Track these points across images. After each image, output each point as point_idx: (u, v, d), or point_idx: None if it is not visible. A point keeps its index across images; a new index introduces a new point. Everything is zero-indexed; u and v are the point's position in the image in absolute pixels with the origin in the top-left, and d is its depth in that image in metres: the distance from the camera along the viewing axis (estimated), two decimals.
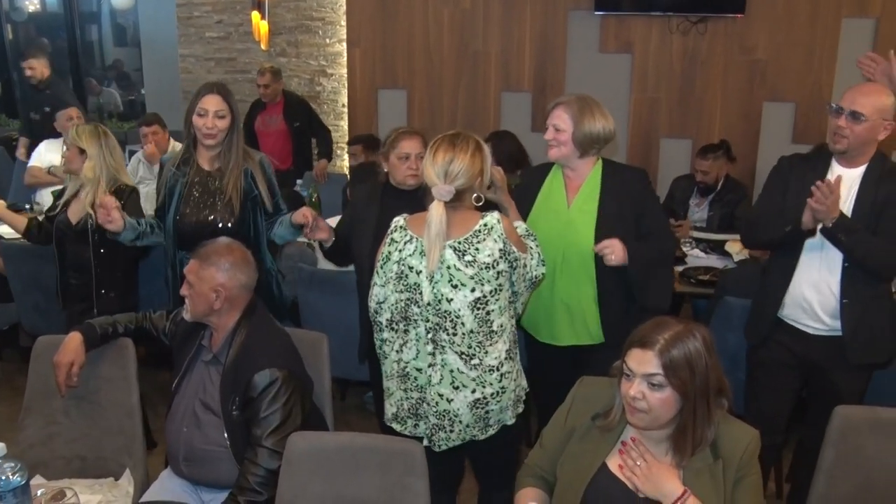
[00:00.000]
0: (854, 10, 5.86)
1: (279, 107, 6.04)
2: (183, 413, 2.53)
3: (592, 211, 2.91)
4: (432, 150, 2.47)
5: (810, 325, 2.89)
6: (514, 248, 2.45)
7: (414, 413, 2.55)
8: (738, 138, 5.86)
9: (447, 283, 2.40)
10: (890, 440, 2.31)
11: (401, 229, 2.51)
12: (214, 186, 3.17)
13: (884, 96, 2.76)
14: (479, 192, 2.48)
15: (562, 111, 2.91)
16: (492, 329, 2.45)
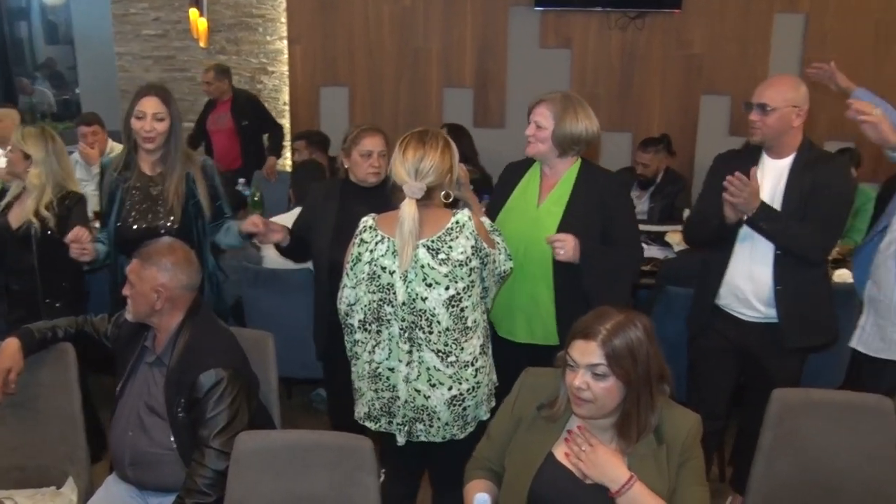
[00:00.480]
0: (785, 5, 6.03)
1: (227, 105, 5.96)
2: (127, 417, 2.49)
3: (559, 212, 2.88)
4: (401, 147, 2.44)
5: (745, 312, 2.98)
6: (484, 245, 2.47)
7: (387, 411, 2.54)
8: (676, 131, 5.98)
9: (421, 282, 2.40)
10: (823, 420, 2.40)
11: (370, 229, 2.48)
12: (156, 192, 3.11)
13: (789, 87, 2.84)
14: (448, 188, 2.47)
15: (545, 108, 2.87)
16: (466, 325, 2.46)
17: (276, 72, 6.51)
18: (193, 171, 3.15)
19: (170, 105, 3.08)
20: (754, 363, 3.04)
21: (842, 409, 2.42)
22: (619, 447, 2.01)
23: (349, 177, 3.22)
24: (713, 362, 3.09)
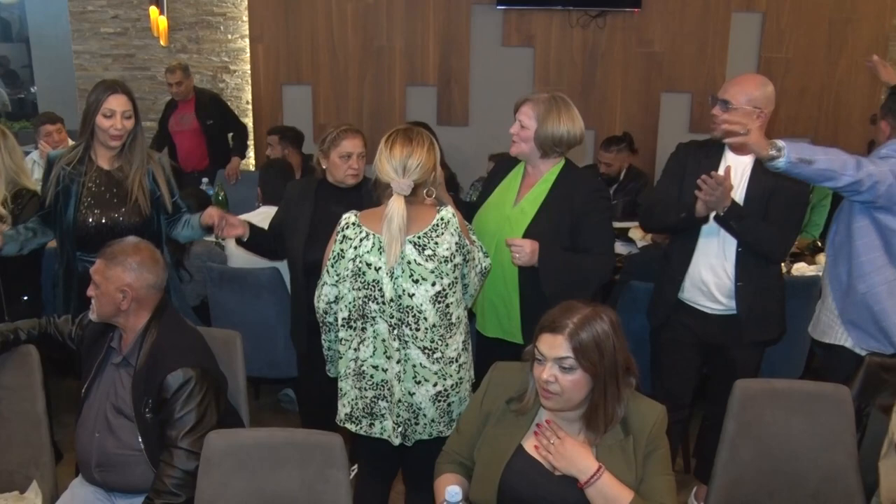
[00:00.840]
0: (742, 4, 6.14)
1: (191, 104, 5.89)
2: (94, 418, 2.47)
3: (532, 212, 2.88)
4: (388, 144, 2.45)
5: (708, 305, 3.04)
6: (467, 242, 2.49)
7: (369, 412, 2.54)
8: (637, 128, 6.06)
9: (408, 279, 2.41)
10: (784, 408, 2.46)
11: (354, 226, 2.48)
12: (116, 185, 3.10)
13: (754, 87, 2.89)
14: (432, 186, 2.48)
15: (529, 108, 2.87)
16: (451, 322, 2.48)
17: (238, 70, 6.47)
18: (153, 167, 3.15)
19: (135, 102, 3.10)
20: (717, 354, 3.10)
21: (802, 397, 2.48)
22: (586, 439, 2.05)
23: (326, 177, 3.21)
24: (677, 354, 3.15)
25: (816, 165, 2.58)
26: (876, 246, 2.85)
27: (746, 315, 2.98)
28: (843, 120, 6.35)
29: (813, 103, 6.32)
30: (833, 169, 2.60)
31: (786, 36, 6.20)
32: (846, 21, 6.15)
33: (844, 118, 6.35)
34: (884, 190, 2.68)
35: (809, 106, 6.32)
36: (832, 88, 6.31)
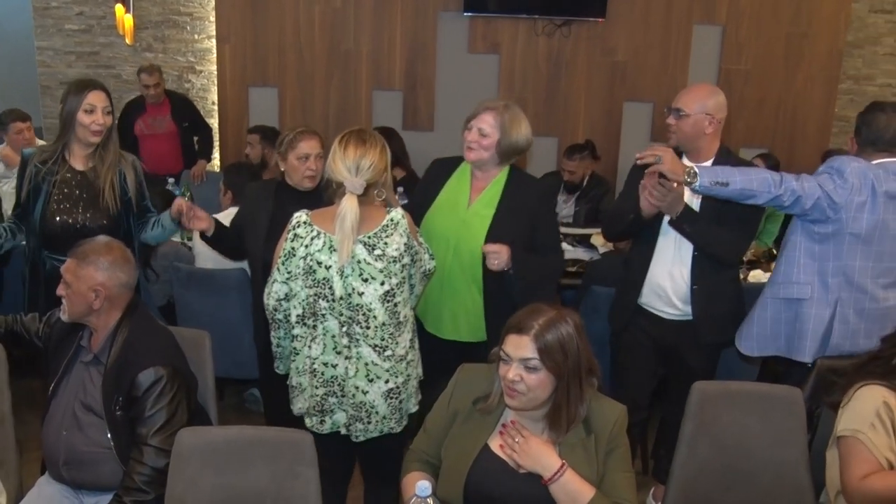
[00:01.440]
0: (703, 17, 6.28)
1: (165, 107, 5.83)
2: (62, 416, 2.47)
3: (489, 215, 2.95)
4: (342, 145, 2.49)
5: (665, 310, 3.13)
6: (415, 243, 2.55)
7: (319, 409, 2.58)
8: (600, 136, 6.17)
9: (358, 277, 2.46)
10: (739, 410, 2.55)
11: (305, 224, 2.51)
12: (88, 186, 3.10)
13: (706, 95, 3.01)
14: (382, 187, 2.53)
15: (491, 117, 2.91)
16: (399, 320, 2.53)
17: (205, 71, 6.45)
18: (125, 168, 3.16)
19: (108, 96, 3.13)
20: (674, 357, 3.19)
21: (756, 399, 2.57)
22: (550, 438, 2.11)
23: (285, 179, 3.25)
24: (635, 357, 3.23)
25: (733, 186, 2.74)
26: (792, 260, 2.96)
27: (701, 318, 3.08)
28: (798, 130, 6.52)
29: (770, 114, 6.49)
30: (750, 188, 2.76)
31: (745, 49, 6.36)
32: (802, 36, 6.32)
33: (800, 129, 6.52)
34: (810, 205, 2.79)
35: (767, 117, 6.49)
36: (789, 100, 6.49)
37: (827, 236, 2.86)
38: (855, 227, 2.81)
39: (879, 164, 2.86)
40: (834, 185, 2.80)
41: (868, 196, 2.80)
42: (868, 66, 6.56)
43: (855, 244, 2.84)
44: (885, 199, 2.81)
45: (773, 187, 2.76)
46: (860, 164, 2.83)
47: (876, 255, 2.85)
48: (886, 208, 2.82)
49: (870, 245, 2.84)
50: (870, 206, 2.80)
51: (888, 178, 2.82)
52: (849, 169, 2.81)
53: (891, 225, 2.83)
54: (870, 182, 2.80)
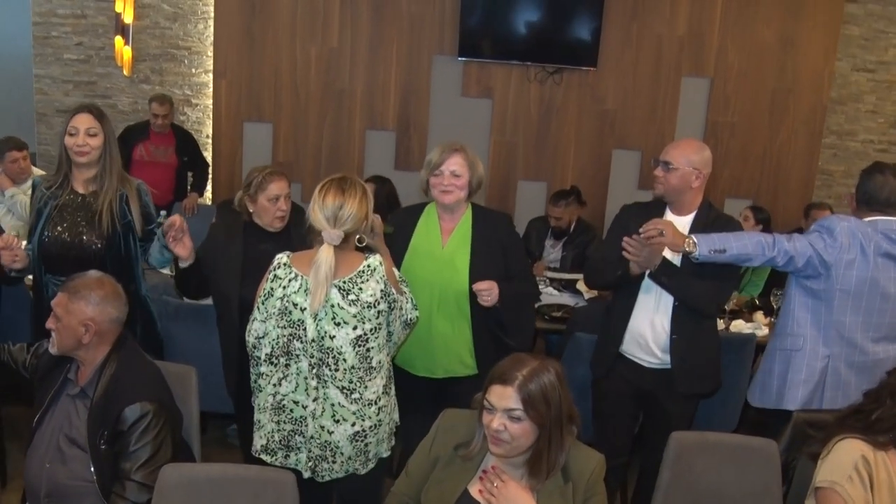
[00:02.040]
0: (692, 70, 6.43)
1: (170, 138, 5.87)
2: (46, 448, 2.48)
3: (465, 254, 3.07)
4: (321, 193, 2.51)
5: (645, 358, 3.17)
6: (393, 290, 2.58)
7: (286, 445, 2.60)
8: (588, 182, 6.27)
9: (330, 321, 2.49)
10: (715, 460, 2.60)
11: (285, 266, 2.56)
12: (88, 209, 3.12)
13: (693, 150, 3.09)
14: (363, 234, 2.57)
15: (460, 158, 3.04)
16: (371, 365, 2.56)
17: (200, 104, 6.53)
18: (128, 191, 3.17)
19: (102, 121, 3.12)
20: (655, 405, 3.23)
21: (733, 450, 2.62)
22: (529, 484, 2.14)
23: (252, 219, 3.27)
24: (615, 403, 3.27)
25: (730, 252, 2.89)
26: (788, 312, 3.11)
27: (680, 368, 3.12)
28: (782, 183, 6.65)
29: (755, 166, 6.61)
30: (746, 253, 2.91)
31: (731, 101, 6.50)
32: (787, 91, 6.47)
33: (784, 181, 6.65)
34: (802, 263, 2.95)
35: (752, 168, 6.61)
36: (773, 153, 6.62)
37: (819, 292, 3.00)
38: (844, 283, 2.95)
39: (870, 221, 3.00)
40: (824, 243, 2.94)
41: (857, 254, 2.94)
42: (850, 123, 6.72)
43: (845, 300, 2.97)
44: (874, 257, 2.95)
45: (768, 250, 2.92)
46: (849, 224, 2.97)
47: (866, 311, 2.98)
48: (876, 266, 2.95)
49: (860, 301, 2.97)
50: (859, 263, 2.94)
51: (876, 237, 2.95)
52: (838, 228, 2.95)
53: (881, 282, 2.96)
54: (858, 241, 2.94)
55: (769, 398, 3.14)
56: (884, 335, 3.02)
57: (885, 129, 6.77)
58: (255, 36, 6.31)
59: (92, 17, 6.38)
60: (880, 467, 2.33)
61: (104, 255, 3.08)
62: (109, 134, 3.15)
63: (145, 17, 6.37)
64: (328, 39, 6.33)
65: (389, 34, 6.31)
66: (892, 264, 2.96)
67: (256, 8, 6.27)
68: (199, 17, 6.42)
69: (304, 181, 6.31)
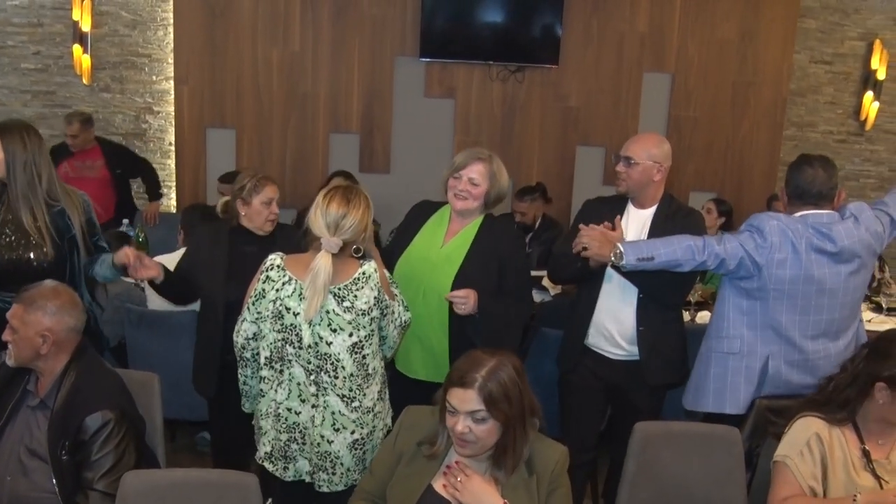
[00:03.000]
0: (653, 65, 6.48)
1: (96, 153, 5.76)
2: (6, 461, 2.45)
3: (459, 259, 3.01)
4: (325, 200, 2.50)
5: (612, 351, 3.19)
6: (385, 297, 2.57)
7: (283, 455, 2.59)
8: (553, 179, 6.30)
9: (326, 327, 2.48)
10: (680, 450, 2.63)
11: (278, 268, 2.54)
12: (25, 224, 3.07)
13: (653, 144, 3.12)
14: (360, 244, 2.55)
15: (482, 167, 3.01)
16: (368, 372, 2.56)
17: (162, 112, 6.47)
18: (68, 205, 3.13)
19: (4, 138, 3.05)
20: (622, 397, 3.25)
21: (696, 439, 2.65)
22: (493, 477, 2.16)
23: (240, 223, 3.27)
24: (583, 398, 3.29)
25: (658, 259, 2.87)
26: (722, 314, 3.05)
27: (648, 359, 3.14)
28: (746, 175, 6.72)
29: (718, 159, 6.68)
30: (675, 259, 2.88)
31: (693, 96, 6.56)
32: (748, 84, 6.55)
33: (747, 173, 6.72)
34: (734, 265, 2.89)
35: (715, 161, 6.68)
36: (736, 146, 6.69)
37: (753, 291, 2.94)
38: (777, 283, 2.88)
39: (802, 216, 2.93)
40: (755, 243, 2.88)
41: (788, 252, 2.86)
42: (810, 114, 6.82)
43: (780, 299, 2.91)
44: (806, 254, 2.87)
45: (697, 254, 2.87)
46: (779, 222, 2.90)
47: (802, 309, 2.91)
48: (809, 262, 2.87)
49: (795, 299, 2.90)
50: (791, 262, 2.86)
51: (807, 232, 2.88)
52: (768, 227, 2.89)
53: (815, 278, 2.88)
54: (789, 239, 2.87)
55: (705, 401, 3.05)
56: (822, 332, 2.94)
57: (844, 119, 6.88)
58: (215, 42, 6.27)
59: (49, 25, 6.29)
60: (835, 446, 2.38)
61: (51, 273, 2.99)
62: (13, 149, 3.06)
63: (104, 25, 6.30)
64: (290, 43, 6.30)
65: (351, 36, 6.30)
66: (824, 259, 2.87)
67: (216, 13, 6.22)
68: (158, 23, 6.35)
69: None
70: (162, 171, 6.46)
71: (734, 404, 2.99)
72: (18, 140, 3.06)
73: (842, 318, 2.97)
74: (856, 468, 2.37)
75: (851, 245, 2.89)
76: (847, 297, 2.95)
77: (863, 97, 6.77)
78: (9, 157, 3.05)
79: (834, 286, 2.91)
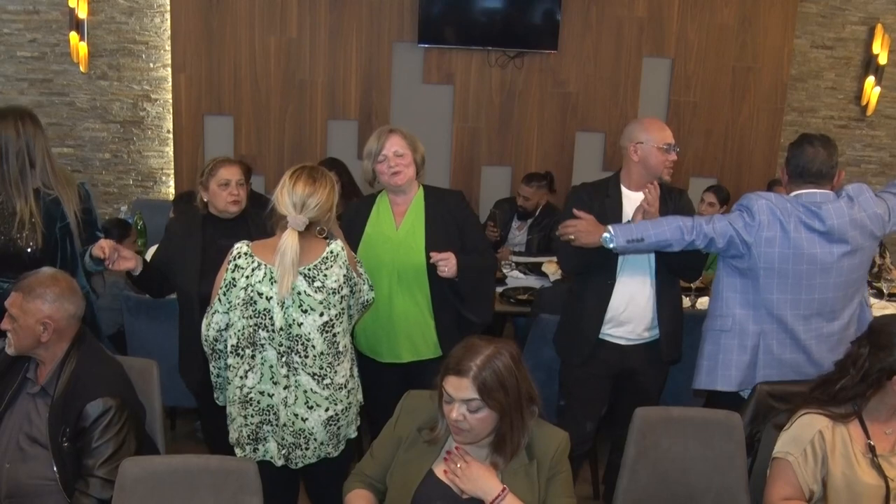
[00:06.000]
0: (652, 50, 6.44)
1: None
2: (6, 448, 2.45)
3: (420, 232, 3.07)
4: (292, 179, 2.51)
5: (627, 337, 3.19)
6: (354, 274, 2.58)
7: (254, 438, 2.60)
8: (553, 166, 6.27)
9: (298, 308, 2.48)
10: (680, 435, 2.62)
11: (246, 255, 2.54)
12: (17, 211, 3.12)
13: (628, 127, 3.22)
14: (324, 225, 2.56)
15: (398, 138, 3.06)
16: (338, 350, 2.56)
17: (160, 99, 6.44)
18: (62, 193, 3.16)
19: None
20: (631, 380, 3.25)
21: (697, 424, 2.65)
22: (493, 463, 2.16)
23: (209, 210, 3.27)
24: (593, 389, 3.28)
25: (648, 241, 2.93)
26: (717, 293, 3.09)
27: (666, 336, 3.20)
28: (745, 160, 6.70)
29: (718, 145, 6.66)
30: (665, 239, 2.93)
31: (693, 81, 6.53)
32: (748, 69, 6.52)
33: (747, 159, 6.70)
34: (723, 244, 2.93)
35: (715, 147, 6.65)
36: (736, 131, 6.67)
37: (745, 270, 2.97)
38: (766, 261, 2.91)
39: (797, 195, 2.96)
40: (743, 222, 2.92)
41: (777, 231, 2.89)
42: (811, 99, 6.79)
43: (770, 277, 2.92)
44: (796, 233, 2.88)
45: (686, 234, 2.91)
46: (767, 201, 2.93)
47: (793, 288, 2.92)
48: (800, 241, 2.88)
49: (785, 278, 2.92)
50: (780, 240, 2.88)
51: (797, 210, 2.90)
52: (756, 206, 2.92)
53: (805, 256, 2.89)
54: (777, 217, 2.89)
55: (699, 379, 3.09)
56: (815, 311, 2.95)
57: (845, 104, 6.85)
58: (213, 29, 6.23)
59: (45, 12, 6.25)
60: (837, 443, 2.35)
61: (41, 260, 3.06)
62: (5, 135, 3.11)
63: (100, 12, 6.26)
64: (287, 30, 6.26)
65: (349, 22, 6.26)
66: (815, 237, 2.88)
67: (213, 0, 6.19)
68: (155, 10, 6.31)
69: (267, 173, 6.26)
70: (160, 159, 6.46)
71: (725, 381, 3.01)
72: (12, 127, 3.11)
73: (835, 298, 2.97)
74: (859, 463, 2.35)
75: (841, 225, 2.89)
76: (841, 278, 2.95)
77: (864, 82, 6.73)
78: (1, 143, 3.09)
79: (826, 266, 2.91)
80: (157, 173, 6.51)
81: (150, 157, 6.49)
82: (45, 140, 3.19)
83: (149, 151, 6.47)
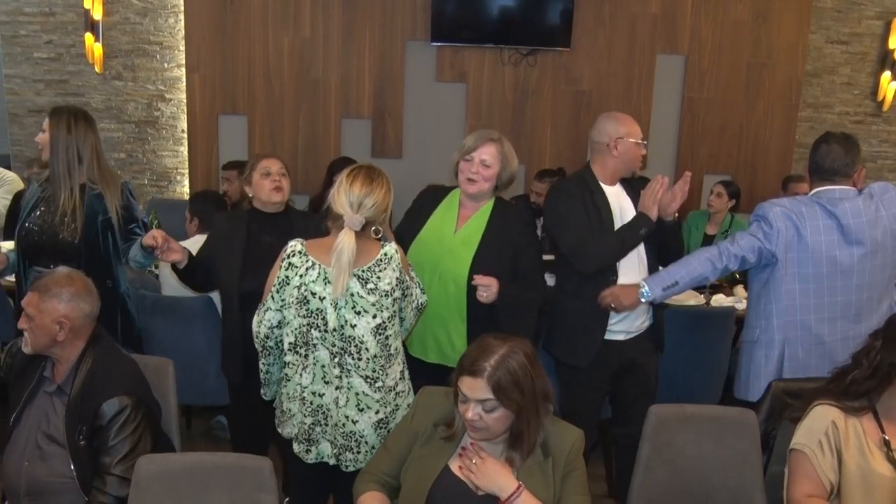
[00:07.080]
0: (666, 47, 6.42)
1: None
2: (24, 446, 2.47)
3: (474, 244, 2.99)
4: (349, 178, 2.51)
5: (627, 331, 3.20)
6: (407, 278, 2.58)
7: (307, 438, 2.60)
8: (566, 163, 6.25)
9: (351, 310, 2.48)
10: (695, 432, 2.61)
11: (300, 254, 2.53)
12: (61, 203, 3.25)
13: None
14: (380, 226, 2.55)
15: (493, 148, 2.99)
16: (390, 352, 2.56)
17: (174, 99, 6.47)
18: (106, 189, 3.28)
19: (52, 119, 3.29)
20: (633, 370, 3.24)
21: (711, 421, 2.63)
22: (509, 459, 2.16)
23: (254, 206, 3.29)
24: (597, 390, 3.28)
25: (683, 283, 3.00)
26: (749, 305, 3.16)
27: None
28: (760, 157, 6.66)
29: (732, 142, 6.62)
30: (699, 275, 3.00)
31: (707, 77, 6.50)
32: (762, 65, 6.48)
33: (762, 156, 6.66)
34: (755, 258, 2.97)
35: (729, 144, 6.62)
36: (750, 128, 6.63)
37: (770, 280, 3.00)
38: (788, 266, 2.95)
39: (815, 193, 3.00)
40: (763, 233, 2.96)
41: (794, 236, 2.93)
42: (826, 95, 6.74)
43: (792, 283, 2.96)
44: (813, 235, 2.91)
45: (717, 262, 2.97)
46: (781, 208, 2.96)
47: (815, 291, 2.95)
48: (818, 242, 2.91)
49: (807, 282, 2.94)
50: (797, 244, 2.93)
51: (812, 213, 2.92)
52: (771, 214, 2.96)
53: (825, 259, 2.92)
54: (793, 223, 2.93)
55: (737, 389, 3.16)
56: (839, 314, 2.95)
57: (861, 100, 6.80)
58: (226, 28, 6.26)
59: (60, 14, 6.30)
60: (850, 434, 2.34)
61: (78, 252, 3.20)
62: (57, 132, 3.26)
63: (115, 13, 6.30)
64: (300, 29, 6.28)
65: (362, 21, 6.27)
66: (833, 239, 2.90)
67: (227, 0, 6.21)
68: (169, 11, 6.35)
69: None
70: (174, 159, 6.49)
71: (756, 392, 3.03)
72: (64, 124, 3.27)
73: (859, 300, 2.96)
74: (874, 456, 2.34)
75: (858, 224, 2.90)
76: (864, 280, 2.94)
77: (880, 77, 6.67)
78: (53, 138, 3.25)
79: (846, 268, 2.92)
80: (171, 173, 6.55)
81: (165, 157, 6.54)
82: (95, 139, 3.33)
83: (163, 151, 6.52)
